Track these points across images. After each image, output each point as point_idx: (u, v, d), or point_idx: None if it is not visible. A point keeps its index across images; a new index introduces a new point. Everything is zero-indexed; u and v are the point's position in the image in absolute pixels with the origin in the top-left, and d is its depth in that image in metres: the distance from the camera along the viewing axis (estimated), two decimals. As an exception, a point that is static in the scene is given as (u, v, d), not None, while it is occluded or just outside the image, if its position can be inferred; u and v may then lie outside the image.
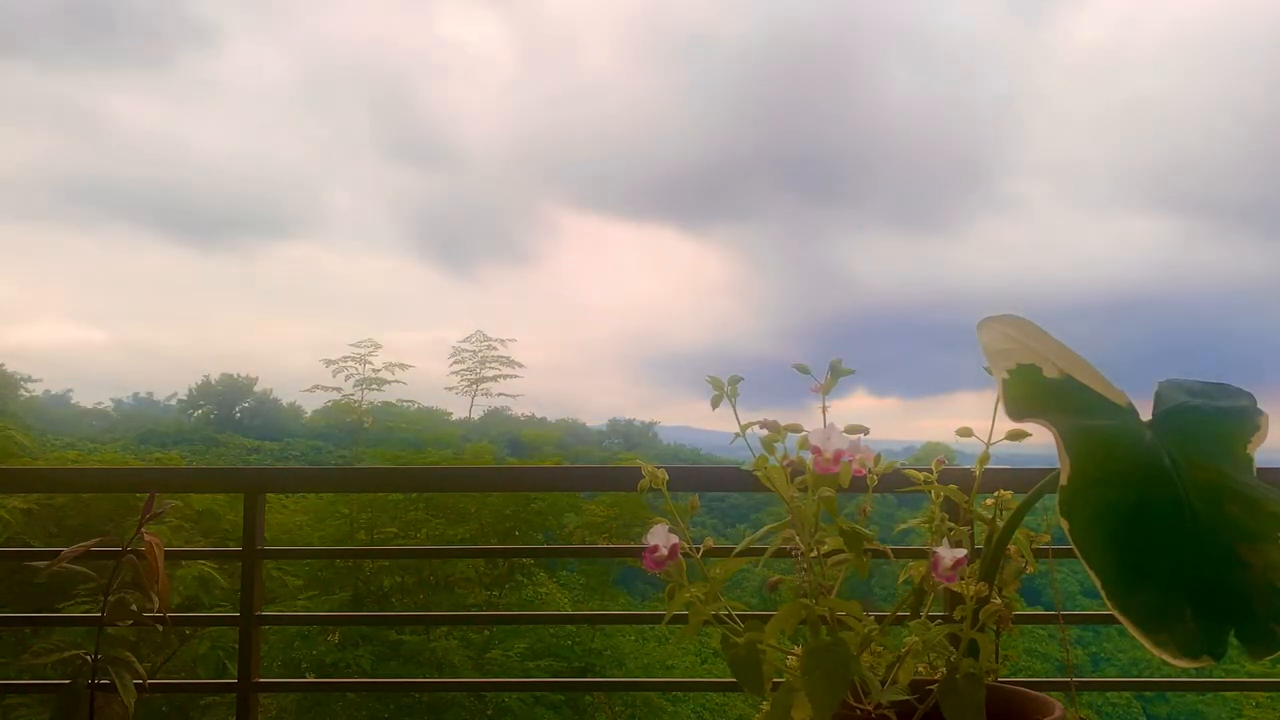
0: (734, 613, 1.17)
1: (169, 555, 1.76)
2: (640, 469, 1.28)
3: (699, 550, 1.21)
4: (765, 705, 1.14)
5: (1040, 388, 1.23)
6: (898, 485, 1.42)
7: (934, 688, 1.16)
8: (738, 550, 1.23)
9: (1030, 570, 1.37)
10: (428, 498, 8.65)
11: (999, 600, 1.21)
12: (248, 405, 35.51)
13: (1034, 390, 1.22)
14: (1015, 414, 1.19)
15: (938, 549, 1.14)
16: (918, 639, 1.17)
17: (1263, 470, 1.21)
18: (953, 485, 1.33)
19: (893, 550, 1.32)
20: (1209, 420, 1.26)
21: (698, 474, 1.78)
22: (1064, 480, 1.10)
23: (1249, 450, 1.22)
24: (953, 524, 1.34)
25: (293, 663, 7.59)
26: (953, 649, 1.18)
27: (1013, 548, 1.32)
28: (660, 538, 1.16)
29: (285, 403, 34.79)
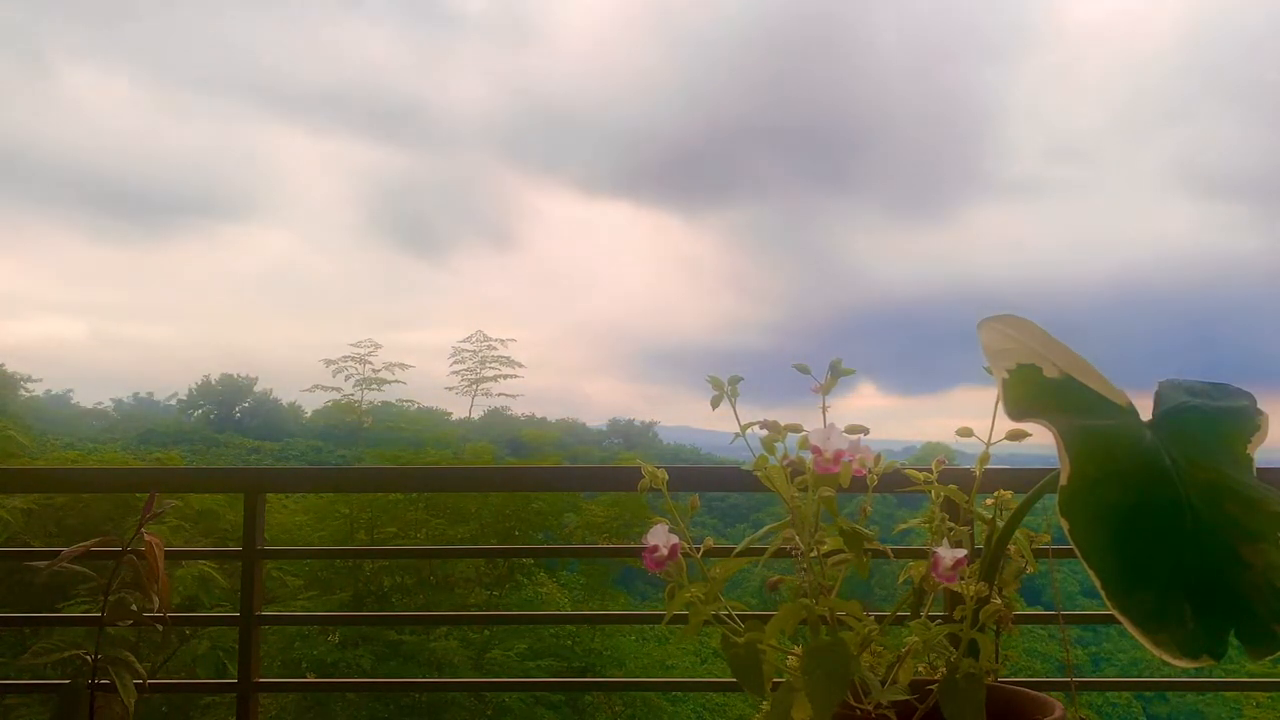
0: (734, 613, 1.17)
1: (169, 555, 1.76)
2: (640, 469, 1.28)
3: (699, 550, 1.21)
4: (765, 705, 1.14)
5: (1040, 388, 1.23)
6: (898, 485, 1.42)
7: (934, 688, 1.16)
8: (738, 550, 1.22)
9: (1030, 570, 1.37)
10: (428, 498, 8.66)
11: (999, 600, 1.20)
12: (248, 405, 35.58)
13: (1034, 390, 1.22)
14: (1015, 414, 1.19)
15: (938, 549, 1.14)
16: (918, 639, 1.17)
17: (1263, 470, 1.21)
18: (953, 485, 1.33)
19: (893, 550, 1.31)
20: (1209, 420, 1.26)
21: (698, 474, 1.78)
22: (1064, 480, 1.10)
23: (1249, 450, 1.22)
24: (953, 524, 1.34)
25: (293, 663, 7.61)
26: (953, 649, 1.18)
27: (1013, 548, 1.32)
28: (660, 538, 1.16)
29: (285, 403, 34.89)
